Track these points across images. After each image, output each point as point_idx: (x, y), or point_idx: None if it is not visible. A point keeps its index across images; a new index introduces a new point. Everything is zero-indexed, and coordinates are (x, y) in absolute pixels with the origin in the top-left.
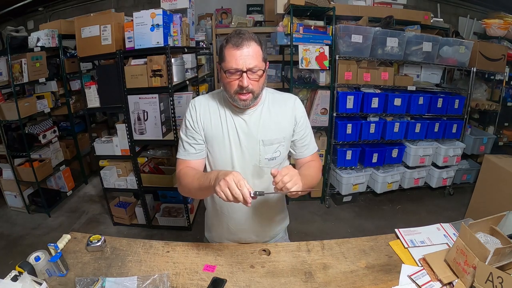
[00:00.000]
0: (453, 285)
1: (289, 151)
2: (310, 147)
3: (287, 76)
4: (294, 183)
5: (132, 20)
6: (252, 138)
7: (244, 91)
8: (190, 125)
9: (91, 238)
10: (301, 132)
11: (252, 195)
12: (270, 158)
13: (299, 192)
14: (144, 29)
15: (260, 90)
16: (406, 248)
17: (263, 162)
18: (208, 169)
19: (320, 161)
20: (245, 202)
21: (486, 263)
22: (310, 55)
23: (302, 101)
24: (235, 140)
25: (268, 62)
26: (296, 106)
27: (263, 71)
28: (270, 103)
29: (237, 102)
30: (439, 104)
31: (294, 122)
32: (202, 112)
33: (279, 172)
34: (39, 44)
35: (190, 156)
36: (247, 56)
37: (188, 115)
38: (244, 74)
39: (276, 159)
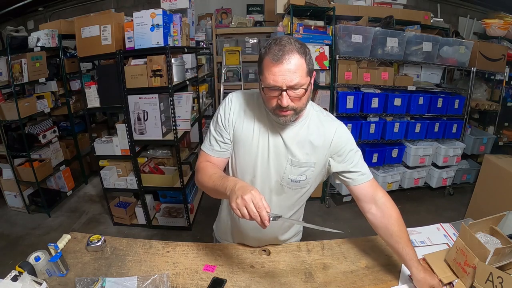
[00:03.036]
0: (453, 285)
1: (342, 180)
2: (364, 172)
3: None
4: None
5: (132, 20)
6: (282, 154)
7: (284, 109)
8: (221, 121)
9: (91, 238)
10: (348, 161)
11: (271, 219)
12: (294, 180)
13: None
14: (144, 29)
15: (303, 106)
16: None
17: (286, 181)
18: (229, 169)
19: (386, 193)
20: (262, 224)
21: (486, 263)
22: None
23: None
24: (263, 150)
25: (314, 72)
26: (336, 136)
27: (307, 88)
28: (311, 123)
29: (276, 117)
30: (439, 104)
31: (332, 151)
32: (237, 110)
33: None
34: (39, 44)
35: (214, 153)
36: (287, 72)
37: (222, 109)
38: (284, 93)
39: (300, 182)
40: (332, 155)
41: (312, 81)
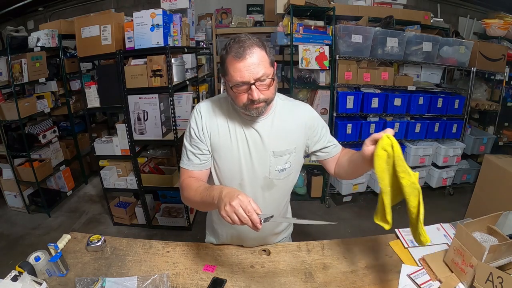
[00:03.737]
0: None
1: (318, 156)
2: (336, 144)
3: (287, 76)
4: None
5: (132, 20)
6: (263, 149)
7: (255, 103)
8: (195, 134)
9: (91, 238)
10: (323, 138)
11: (262, 222)
12: (281, 169)
13: None
14: (144, 29)
15: (273, 96)
16: (406, 248)
17: (273, 173)
18: (215, 178)
19: None
20: (254, 227)
21: (483, 261)
22: (310, 55)
23: (303, 100)
24: (244, 150)
25: (276, 63)
26: (308, 117)
27: (273, 77)
28: (281, 111)
29: (249, 111)
30: (439, 104)
31: (308, 132)
32: (208, 119)
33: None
34: (39, 44)
35: (194, 167)
36: (252, 65)
37: (193, 122)
38: (253, 87)
39: (286, 170)
40: (308, 136)
41: (275, 71)
